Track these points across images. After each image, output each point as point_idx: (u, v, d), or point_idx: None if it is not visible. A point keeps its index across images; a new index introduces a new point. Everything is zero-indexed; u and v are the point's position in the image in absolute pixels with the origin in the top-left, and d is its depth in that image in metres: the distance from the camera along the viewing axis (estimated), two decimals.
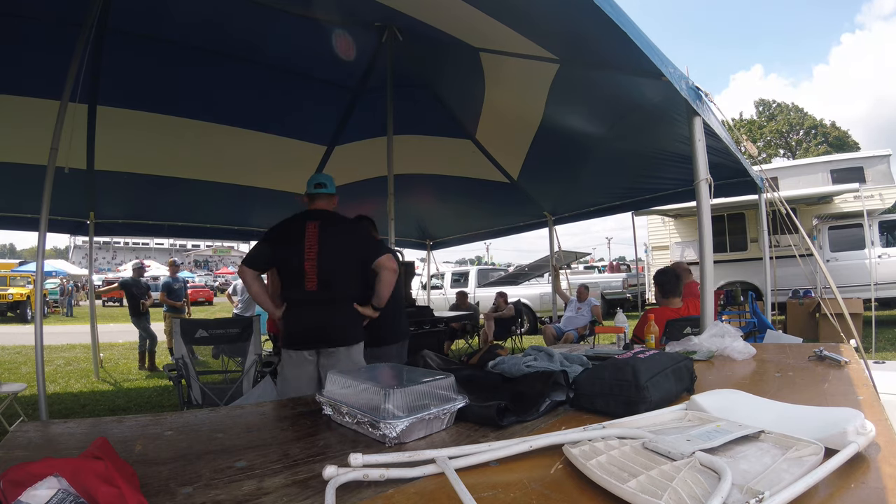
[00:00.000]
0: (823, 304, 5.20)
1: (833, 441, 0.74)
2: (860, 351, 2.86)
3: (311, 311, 2.43)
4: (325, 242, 2.40)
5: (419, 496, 0.70)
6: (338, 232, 2.46)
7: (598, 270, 20.53)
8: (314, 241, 2.39)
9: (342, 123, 5.28)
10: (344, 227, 2.52)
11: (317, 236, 2.40)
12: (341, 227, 2.50)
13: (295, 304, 2.47)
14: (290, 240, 2.43)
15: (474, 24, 2.99)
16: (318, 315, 2.41)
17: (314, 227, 2.42)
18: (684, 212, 9.44)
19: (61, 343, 9.85)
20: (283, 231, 2.50)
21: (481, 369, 1.48)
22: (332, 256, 2.40)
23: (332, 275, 2.41)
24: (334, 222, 2.49)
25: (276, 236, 2.50)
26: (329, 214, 2.53)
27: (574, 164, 5.43)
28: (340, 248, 2.44)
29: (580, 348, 2.10)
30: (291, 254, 2.40)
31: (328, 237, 2.42)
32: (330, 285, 2.41)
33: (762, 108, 31.35)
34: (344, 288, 2.47)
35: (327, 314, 2.42)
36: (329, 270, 2.40)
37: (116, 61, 3.81)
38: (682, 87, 2.52)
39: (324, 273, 2.39)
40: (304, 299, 2.41)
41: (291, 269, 2.43)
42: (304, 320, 2.44)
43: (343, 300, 2.47)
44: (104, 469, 0.65)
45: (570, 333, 6.72)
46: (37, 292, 3.15)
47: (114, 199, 5.87)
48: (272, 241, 2.49)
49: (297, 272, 2.39)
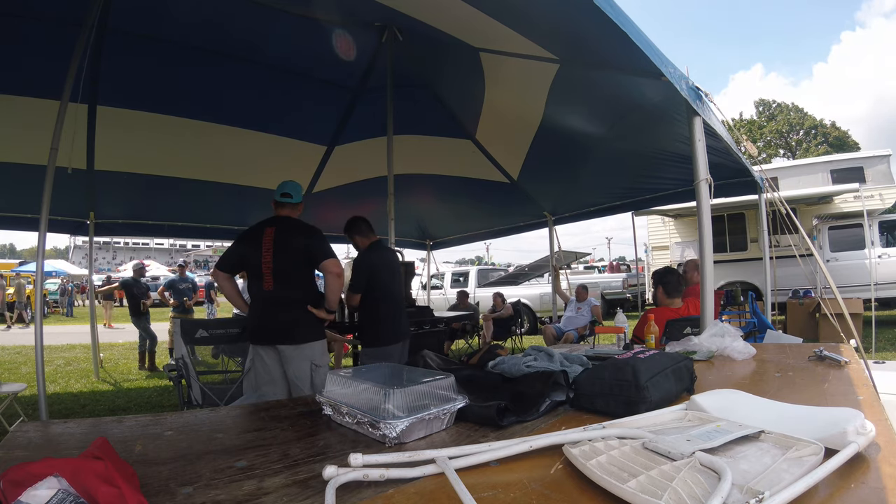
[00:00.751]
0: (823, 304, 5.20)
1: (833, 441, 0.74)
2: (860, 351, 2.86)
3: (268, 309, 2.62)
4: (279, 246, 2.60)
5: (419, 496, 0.70)
6: (291, 237, 2.64)
7: (598, 270, 20.52)
8: (270, 244, 2.60)
9: (342, 123, 5.29)
10: (298, 231, 2.68)
11: (272, 240, 2.60)
12: (295, 231, 2.67)
13: (254, 302, 2.69)
14: (252, 243, 2.64)
15: (474, 24, 2.99)
16: (273, 313, 2.61)
17: (271, 232, 2.63)
18: (684, 212, 9.43)
19: (61, 343, 9.86)
20: (246, 235, 2.73)
21: (481, 369, 1.48)
22: (284, 259, 2.60)
23: (286, 276, 2.60)
24: (289, 227, 2.68)
25: (240, 240, 2.74)
26: (288, 220, 2.73)
27: (574, 164, 5.43)
28: (292, 252, 2.62)
29: (580, 348, 2.10)
30: (252, 256, 2.62)
31: (282, 241, 2.61)
32: (283, 286, 2.60)
33: (762, 108, 31.33)
34: (296, 288, 2.64)
35: (280, 313, 2.61)
36: (282, 271, 2.59)
37: (117, 61, 3.81)
38: (682, 87, 2.52)
39: (278, 274, 2.59)
40: (262, 298, 2.62)
41: (252, 271, 2.65)
42: (261, 318, 2.64)
43: (295, 300, 2.62)
44: (104, 469, 0.65)
45: (570, 333, 6.72)
46: (37, 292, 3.15)
47: (114, 199, 5.87)
48: (237, 245, 2.74)
49: (257, 273, 2.61)
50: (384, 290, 3.28)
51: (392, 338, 3.27)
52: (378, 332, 3.28)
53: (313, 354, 2.63)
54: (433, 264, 9.71)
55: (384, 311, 3.29)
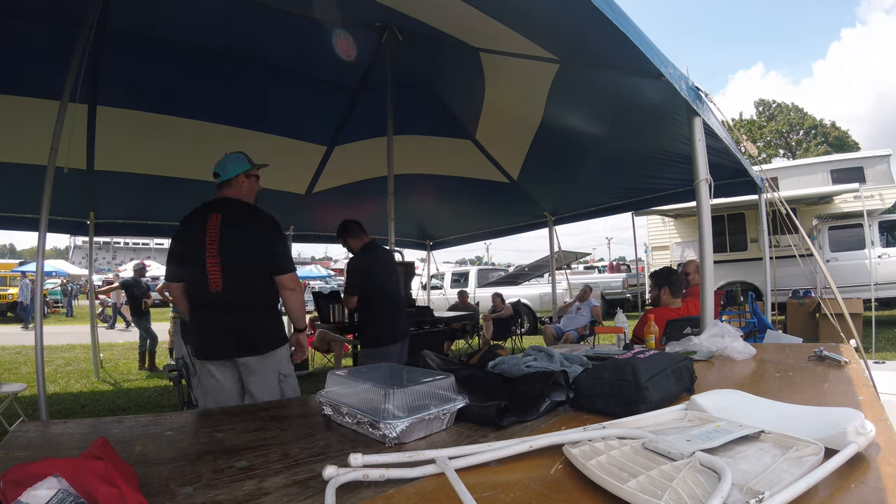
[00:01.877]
0: (823, 304, 5.21)
1: (833, 441, 0.74)
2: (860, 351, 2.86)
3: (218, 315, 2.13)
4: (228, 236, 2.14)
5: (419, 496, 0.70)
6: (242, 226, 2.20)
7: (598, 271, 20.52)
8: (216, 234, 2.13)
9: (342, 123, 5.28)
10: (249, 219, 2.26)
11: (218, 229, 2.14)
12: (246, 219, 2.24)
13: (198, 309, 2.19)
14: (190, 235, 2.18)
15: (474, 24, 2.99)
16: (225, 320, 2.12)
17: (216, 219, 2.16)
18: (684, 212, 9.43)
19: (61, 343, 9.86)
20: (183, 227, 2.25)
21: (481, 369, 1.48)
22: (235, 251, 2.14)
23: (238, 272, 2.14)
24: (238, 213, 2.24)
25: (177, 235, 2.27)
26: (234, 203, 2.28)
27: (574, 164, 5.43)
28: (246, 244, 2.18)
29: (580, 348, 2.10)
30: (192, 250, 2.13)
31: (231, 230, 2.15)
32: (237, 285, 2.13)
33: (762, 108, 31.32)
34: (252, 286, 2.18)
35: (235, 318, 2.12)
36: (233, 267, 2.13)
37: (116, 61, 3.81)
38: (682, 88, 2.52)
39: (229, 271, 2.11)
40: (207, 302, 2.14)
41: (191, 269, 2.15)
42: (210, 327, 2.16)
43: (252, 301, 2.18)
44: (104, 469, 0.65)
45: (570, 333, 6.73)
46: (37, 292, 3.15)
47: (114, 199, 5.87)
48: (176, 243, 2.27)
49: (198, 272, 2.11)
50: (381, 291, 3.28)
51: (391, 338, 3.26)
52: (377, 332, 3.28)
53: (279, 363, 2.18)
54: (433, 264, 9.72)
55: (382, 312, 3.29)
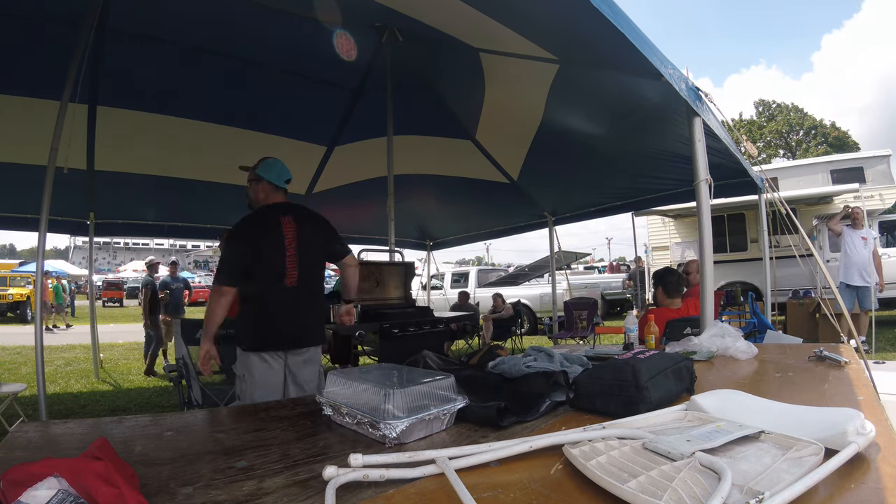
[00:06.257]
0: (823, 304, 5.21)
1: (833, 441, 0.74)
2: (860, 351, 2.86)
3: (288, 309, 2.27)
4: (303, 238, 2.29)
5: (419, 496, 0.70)
6: (313, 229, 2.37)
7: (598, 271, 20.53)
8: (293, 236, 2.26)
9: (342, 124, 5.29)
10: (317, 222, 2.42)
11: (295, 232, 2.27)
12: (314, 222, 2.40)
13: (268, 303, 2.27)
14: (270, 236, 2.25)
15: (474, 25, 2.99)
16: (293, 314, 2.28)
17: (290, 221, 2.29)
18: (684, 212, 9.42)
19: (61, 343, 9.85)
20: (256, 229, 2.30)
21: (481, 370, 1.48)
22: (309, 253, 2.30)
23: (309, 272, 2.32)
24: (307, 218, 2.38)
25: (246, 236, 2.29)
26: (301, 209, 2.40)
27: (574, 164, 5.43)
28: (317, 245, 2.37)
29: (580, 348, 2.10)
30: (270, 249, 2.23)
31: (305, 233, 2.31)
32: (307, 283, 2.30)
33: (762, 108, 31.34)
34: (318, 285, 2.42)
35: (301, 313, 2.30)
36: (308, 267, 2.30)
37: (116, 61, 3.81)
38: (682, 88, 2.52)
39: (304, 269, 2.28)
40: (280, 297, 2.25)
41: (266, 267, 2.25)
42: (279, 319, 2.26)
43: (318, 299, 2.41)
44: (104, 469, 0.65)
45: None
46: (37, 292, 3.15)
47: (114, 199, 5.86)
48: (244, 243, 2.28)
49: (276, 269, 2.23)
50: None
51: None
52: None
53: (319, 357, 2.43)
54: (433, 265, 9.71)
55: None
